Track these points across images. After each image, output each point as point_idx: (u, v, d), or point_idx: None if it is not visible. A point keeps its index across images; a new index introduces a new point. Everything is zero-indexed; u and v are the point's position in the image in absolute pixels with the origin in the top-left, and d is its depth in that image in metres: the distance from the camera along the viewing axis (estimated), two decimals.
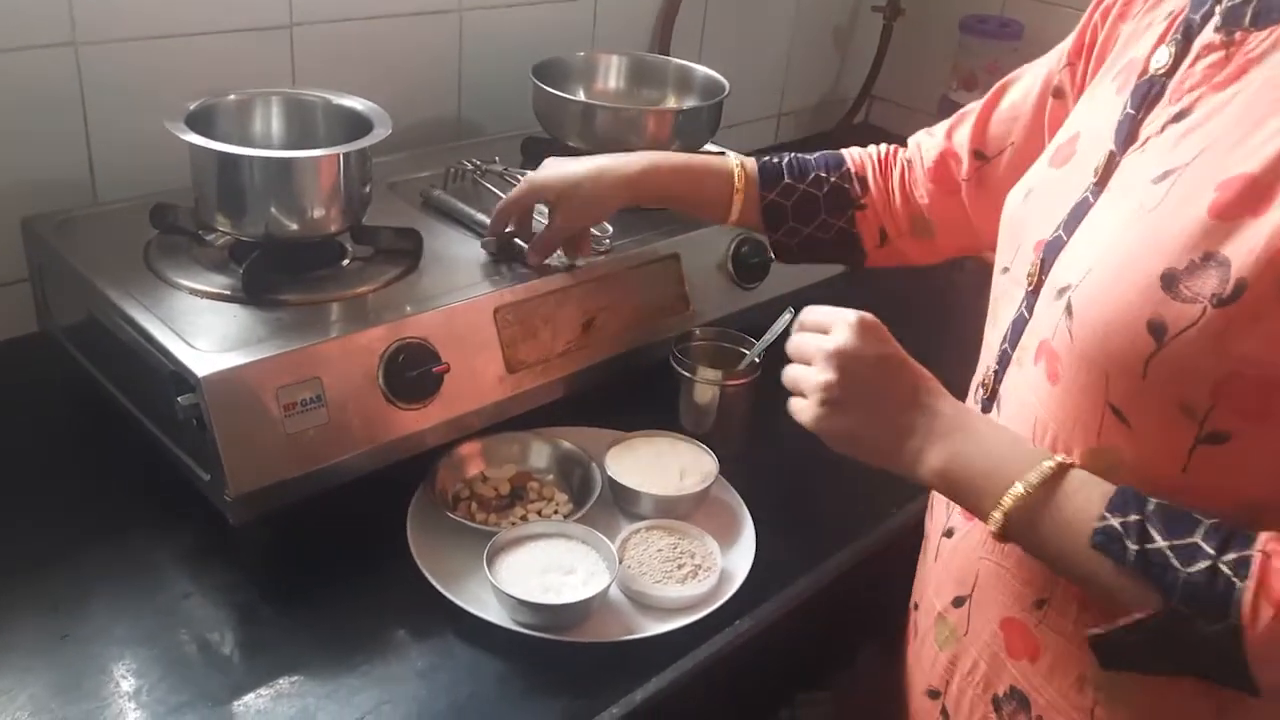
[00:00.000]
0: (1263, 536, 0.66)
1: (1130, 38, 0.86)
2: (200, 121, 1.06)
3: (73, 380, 1.13)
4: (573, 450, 1.10)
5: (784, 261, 1.20)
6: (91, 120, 1.22)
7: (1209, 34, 0.75)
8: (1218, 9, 0.75)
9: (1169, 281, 0.68)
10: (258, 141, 1.16)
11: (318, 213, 1.07)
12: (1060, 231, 0.80)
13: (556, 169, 1.14)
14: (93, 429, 1.11)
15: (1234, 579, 0.65)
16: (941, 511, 0.92)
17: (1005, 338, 0.84)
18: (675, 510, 1.06)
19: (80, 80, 1.20)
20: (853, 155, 1.15)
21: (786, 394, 0.85)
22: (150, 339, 0.96)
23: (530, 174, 1.15)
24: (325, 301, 1.05)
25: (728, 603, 0.97)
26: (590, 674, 0.90)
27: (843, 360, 0.80)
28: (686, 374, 1.17)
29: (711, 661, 0.93)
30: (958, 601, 0.89)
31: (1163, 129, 0.75)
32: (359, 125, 1.12)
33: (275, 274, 1.06)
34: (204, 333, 0.97)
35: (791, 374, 0.85)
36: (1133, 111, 0.79)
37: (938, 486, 0.80)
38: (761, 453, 1.17)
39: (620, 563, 0.97)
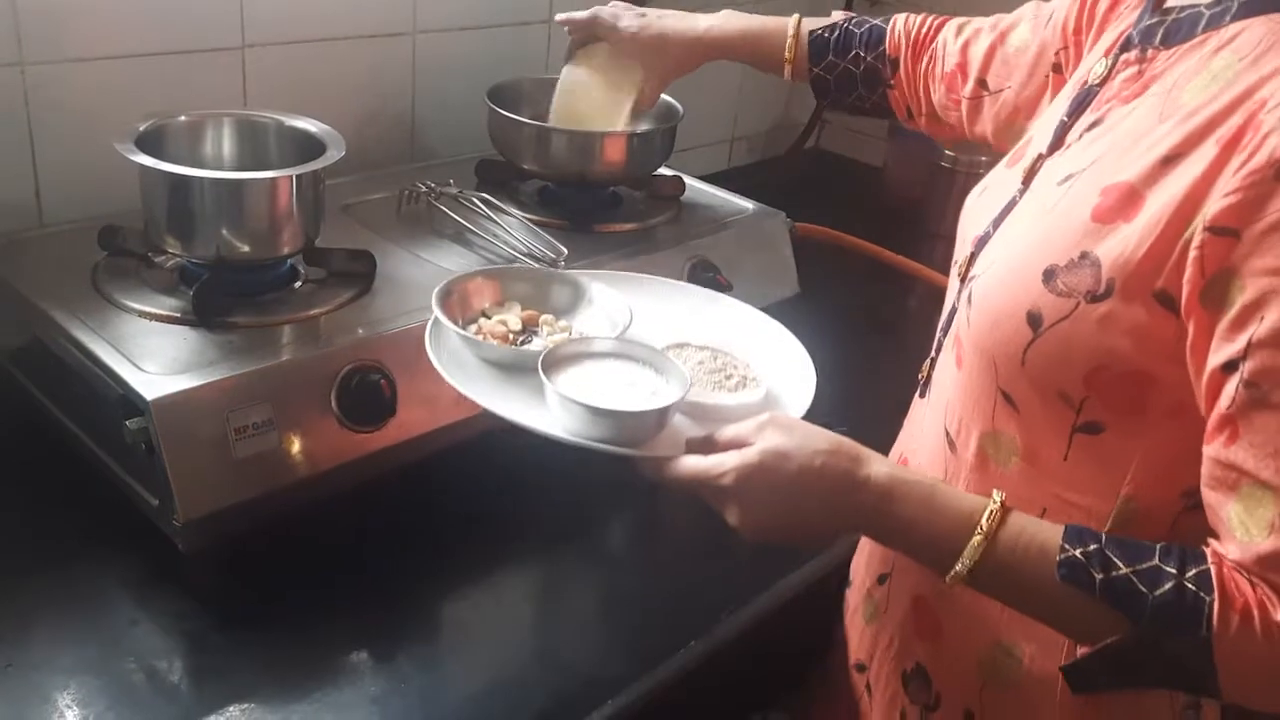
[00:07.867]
0: (1208, 551, 0.68)
1: (1100, 43, 0.90)
2: (150, 143, 1.05)
3: (17, 405, 1.11)
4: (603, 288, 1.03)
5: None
6: (38, 141, 1.20)
7: (1131, 50, 0.79)
8: (1140, 28, 0.80)
9: (1049, 276, 0.73)
10: (209, 163, 1.15)
11: (270, 235, 1.07)
12: (989, 227, 0.85)
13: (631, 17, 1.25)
14: (38, 454, 1.09)
15: (1200, 594, 0.66)
16: None
17: (941, 327, 0.89)
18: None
19: (26, 100, 1.18)
20: (893, 35, 1.17)
21: None
22: (98, 362, 0.95)
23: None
24: (277, 324, 1.05)
25: (680, 624, 0.98)
26: (545, 699, 0.90)
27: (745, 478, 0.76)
28: None
29: (667, 683, 0.93)
30: (881, 579, 0.94)
31: (1080, 135, 0.80)
32: (312, 147, 1.12)
33: (226, 296, 1.05)
34: (153, 356, 0.96)
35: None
36: (1065, 118, 0.83)
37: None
38: None
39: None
